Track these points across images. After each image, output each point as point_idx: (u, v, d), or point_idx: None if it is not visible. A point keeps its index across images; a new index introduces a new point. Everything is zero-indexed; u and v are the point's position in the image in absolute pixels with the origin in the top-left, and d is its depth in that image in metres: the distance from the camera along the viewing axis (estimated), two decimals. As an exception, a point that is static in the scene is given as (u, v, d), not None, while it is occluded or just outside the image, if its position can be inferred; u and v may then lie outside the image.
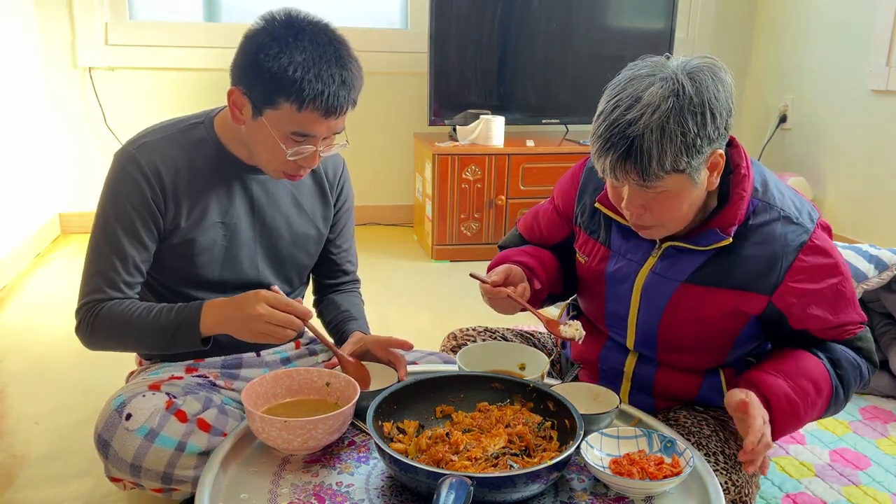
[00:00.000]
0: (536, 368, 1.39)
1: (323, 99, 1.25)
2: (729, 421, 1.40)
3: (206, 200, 1.39)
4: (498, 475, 1.05)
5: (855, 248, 2.09)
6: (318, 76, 1.24)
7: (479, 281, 1.39)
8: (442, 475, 1.02)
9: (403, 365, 1.38)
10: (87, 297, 1.35)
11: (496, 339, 1.64)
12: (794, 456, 1.74)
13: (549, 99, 3.57)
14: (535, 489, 1.08)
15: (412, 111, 3.69)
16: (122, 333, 1.33)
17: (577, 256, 1.49)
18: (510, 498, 1.07)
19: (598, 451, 1.19)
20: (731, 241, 1.27)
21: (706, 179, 1.22)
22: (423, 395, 1.27)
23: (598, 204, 1.39)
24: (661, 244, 1.34)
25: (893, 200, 3.13)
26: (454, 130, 3.38)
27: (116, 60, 3.37)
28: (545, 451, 1.16)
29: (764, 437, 1.22)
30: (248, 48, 1.27)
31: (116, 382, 1.53)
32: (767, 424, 1.25)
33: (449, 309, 2.69)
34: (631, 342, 1.43)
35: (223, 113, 1.40)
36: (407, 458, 1.08)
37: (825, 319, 1.30)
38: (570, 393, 1.29)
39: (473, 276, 1.41)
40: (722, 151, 1.21)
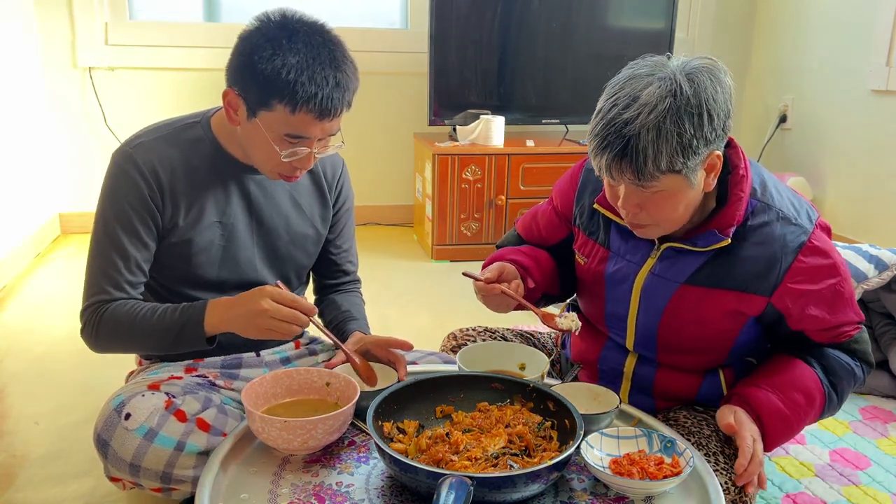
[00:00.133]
0: (536, 368, 1.39)
1: (316, 101, 1.24)
2: None
3: (203, 200, 1.38)
4: (498, 475, 1.05)
5: (855, 248, 2.09)
6: (311, 78, 1.23)
7: (472, 279, 1.39)
8: (442, 475, 1.02)
9: (403, 365, 1.38)
10: (91, 298, 1.35)
11: (496, 339, 1.64)
12: (794, 456, 1.74)
13: (549, 99, 3.57)
14: (535, 489, 1.08)
15: (412, 111, 3.69)
16: (126, 334, 1.33)
17: (576, 257, 1.49)
18: (510, 498, 1.07)
19: (598, 451, 1.18)
20: (729, 242, 1.27)
21: (703, 180, 1.22)
22: (423, 395, 1.27)
23: (596, 205, 1.39)
24: (659, 245, 1.34)
25: (893, 200, 3.13)
26: (454, 130, 3.38)
27: (116, 60, 3.37)
28: (545, 451, 1.16)
29: (755, 456, 1.23)
30: (242, 49, 1.27)
31: (116, 382, 1.53)
32: (758, 440, 1.26)
33: (449, 309, 2.69)
34: (630, 343, 1.43)
35: (220, 113, 1.40)
36: (407, 458, 1.08)
37: (823, 320, 1.31)
38: (570, 393, 1.29)
39: (466, 274, 1.41)
40: (719, 153, 1.21)
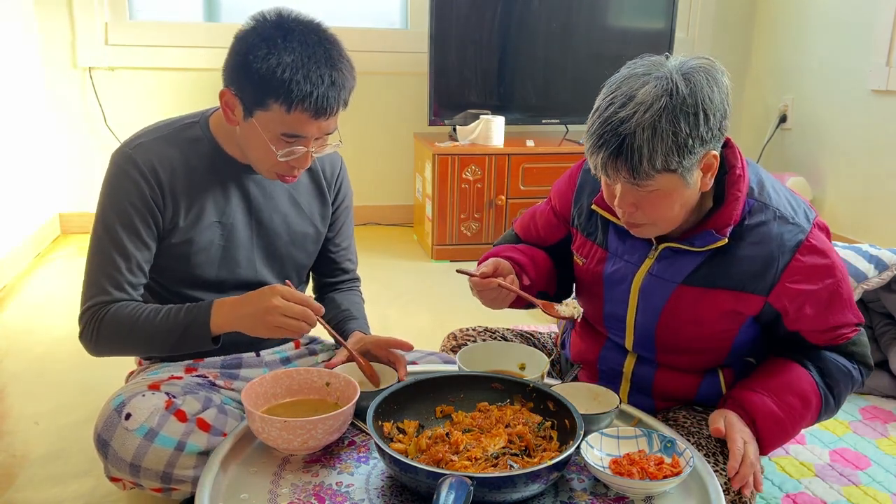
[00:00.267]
0: (536, 368, 1.39)
1: (312, 100, 1.24)
2: None
3: (202, 200, 1.38)
4: (498, 475, 1.05)
5: (855, 248, 2.09)
6: (306, 77, 1.23)
7: (467, 276, 1.38)
8: (442, 475, 1.02)
9: (403, 365, 1.38)
10: (90, 300, 1.33)
11: (496, 339, 1.64)
12: (794, 456, 1.74)
13: (549, 99, 3.57)
14: (535, 489, 1.08)
15: (412, 111, 3.69)
16: (128, 336, 1.32)
17: (574, 258, 1.49)
18: (510, 498, 1.07)
19: (598, 451, 1.18)
20: (726, 241, 1.27)
21: (699, 180, 1.22)
22: (423, 395, 1.27)
23: (594, 206, 1.40)
24: (657, 245, 1.34)
25: (893, 200, 3.13)
26: (454, 130, 3.38)
27: (116, 60, 3.37)
28: (545, 451, 1.16)
29: (746, 457, 1.23)
30: (237, 49, 1.27)
31: (116, 382, 1.53)
32: (751, 443, 1.26)
33: (449, 309, 2.69)
34: (630, 343, 1.43)
35: (218, 113, 1.40)
36: (407, 458, 1.08)
37: (820, 320, 1.31)
38: (570, 393, 1.29)
39: (460, 271, 1.41)
40: (716, 153, 1.21)
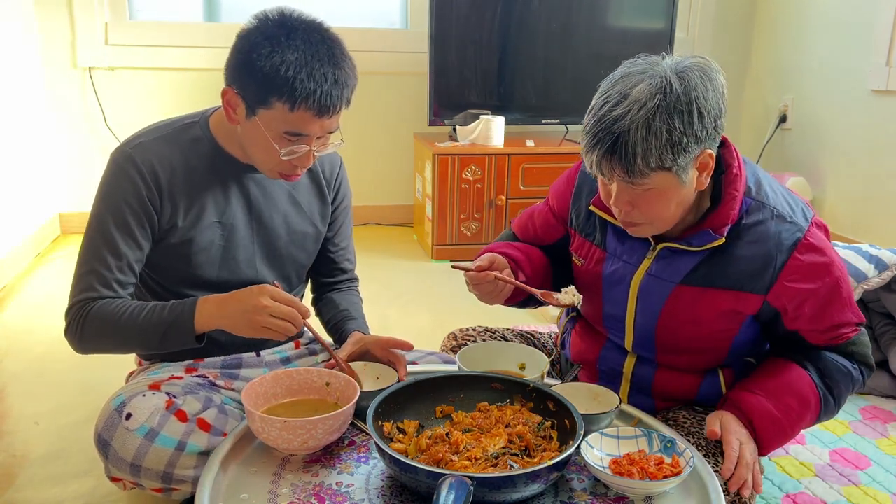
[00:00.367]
0: (536, 368, 1.39)
1: (315, 98, 1.24)
2: None
3: (202, 200, 1.38)
4: (498, 475, 1.05)
5: (855, 248, 2.09)
6: (310, 75, 1.23)
7: (462, 271, 1.38)
8: (442, 475, 1.02)
9: (403, 365, 1.38)
10: (78, 296, 1.33)
11: (496, 339, 1.64)
12: (794, 456, 1.74)
13: (549, 99, 3.57)
14: (535, 489, 1.08)
15: (412, 111, 3.69)
16: (112, 332, 1.31)
17: (573, 259, 1.49)
18: (510, 498, 1.07)
19: (598, 451, 1.19)
20: (724, 241, 1.27)
21: (695, 179, 1.22)
22: (423, 395, 1.27)
23: (592, 206, 1.40)
24: (655, 245, 1.35)
25: (893, 200, 3.13)
26: (454, 130, 3.38)
27: (116, 60, 3.37)
28: (545, 451, 1.16)
29: (742, 459, 1.23)
30: (240, 47, 1.27)
31: (116, 382, 1.53)
32: (747, 444, 1.26)
33: (449, 309, 2.69)
34: (629, 344, 1.43)
35: (219, 112, 1.40)
36: (407, 458, 1.08)
37: (819, 319, 1.31)
38: (570, 393, 1.29)
39: (455, 266, 1.41)
40: (711, 152, 1.21)
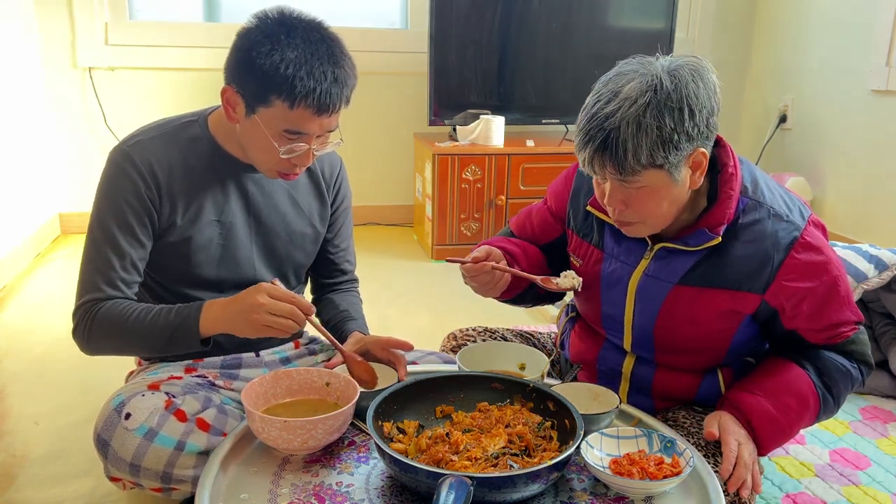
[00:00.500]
0: (536, 368, 1.39)
1: (315, 96, 1.24)
2: None
3: (201, 199, 1.38)
4: (498, 475, 1.05)
5: (855, 248, 2.09)
6: (309, 73, 1.24)
7: (459, 263, 1.37)
8: (442, 475, 1.02)
9: (403, 365, 1.38)
10: (84, 297, 1.34)
11: (496, 339, 1.64)
12: (794, 456, 1.74)
13: (549, 99, 3.57)
14: (535, 489, 1.08)
15: (412, 111, 3.69)
16: (120, 334, 1.32)
17: (571, 260, 1.49)
18: (510, 498, 1.07)
19: (598, 451, 1.18)
20: (720, 240, 1.27)
21: (688, 178, 1.22)
22: (423, 395, 1.27)
23: (590, 207, 1.40)
24: (652, 245, 1.35)
25: (893, 200, 3.13)
26: (454, 130, 3.38)
27: (116, 60, 3.37)
28: (545, 451, 1.16)
29: (740, 459, 1.23)
30: (240, 46, 1.27)
31: (116, 382, 1.53)
32: (746, 444, 1.26)
33: (449, 309, 2.69)
34: (628, 344, 1.43)
35: (218, 111, 1.40)
36: (407, 458, 1.08)
37: (817, 318, 1.31)
38: (570, 393, 1.29)
39: (451, 260, 1.41)
40: (704, 150, 1.21)
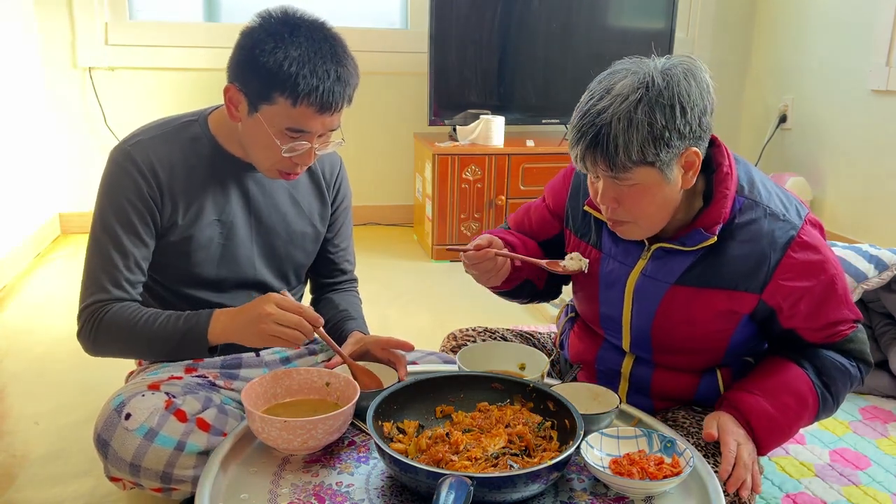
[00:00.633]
0: (536, 368, 1.39)
1: (318, 94, 1.25)
2: None
3: (202, 198, 1.38)
4: (498, 475, 1.05)
5: (855, 248, 2.09)
6: (313, 71, 1.24)
7: (461, 251, 1.37)
8: (442, 475, 1.02)
9: (403, 365, 1.38)
10: (90, 298, 1.34)
11: (496, 339, 1.64)
12: (794, 456, 1.74)
13: (549, 99, 3.57)
14: (535, 489, 1.08)
15: (412, 111, 3.69)
16: (127, 339, 1.32)
17: None
18: (510, 498, 1.07)
19: (598, 451, 1.19)
20: (715, 239, 1.27)
21: (680, 177, 1.22)
22: (423, 395, 1.27)
23: (587, 207, 1.40)
24: (649, 246, 1.35)
25: (893, 200, 3.13)
26: (454, 130, 3.38)
27: (116, 60, 3.37)
28: (545, 451, 1.16)
29: (739, 459, 1.24)
30: (244, 44, 1.28)
31: (116, 382, 1.53)
32: (745, 444, 1.26)
33: (449, 309, 2.69)
34: (626, 344, 1.43)
35: (219, 111, 1.40)
36: (407, 458, 1.08)
37: (815, 317, 1.31)
38: (570, 393, 1.29)
39: (452, 248, 1.42)
40: (697, 150, 1.21)
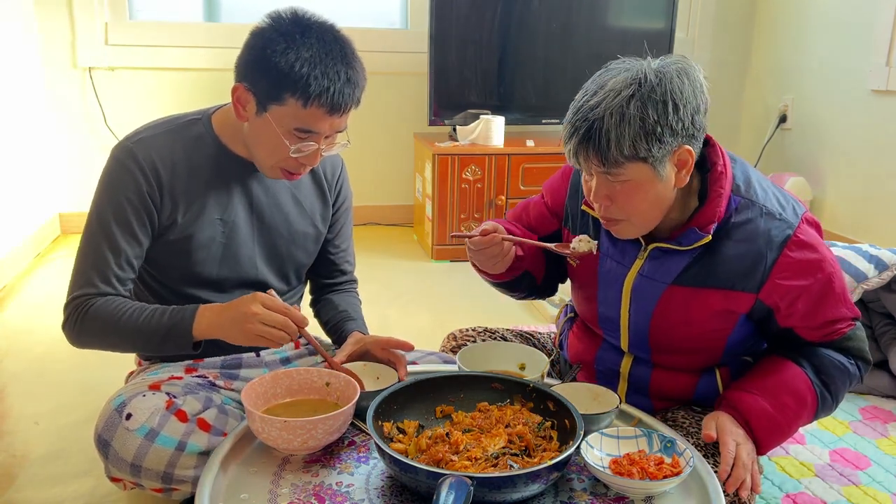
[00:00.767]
0: (536, 368, 1.39)
1: (329, 95, 1.25)
2: None
3: (204, 197, 1.38)
4: (498, 475, 1.05)
5: (855, 248, 2.09)
6: (324, 73, 1.25)
7: (465, 238, 1.37)
8: (442, 475, 1.02)
9: (403, 365, 1.38)
10: (76, 291, 1.34)
11: (496, 339, 1.64)
12: (794, 456, 1.74)
13: (549, 99, 3.57)
14: (535, 489, 1.08)
15: (412, 111, 3.69)
16: (111, 332, 1.31)
17: (567, 259, 1.49)
18: (510, 498, 1.07)
19: (598, 451, 1.19)
20: (710, 238, 1.27)
21: (673, 176, 1.23)
22: (423, 395, 1.27)
23: (584, 206, 1.40)
24: (646, 246, 1.35)
25: (893, 200, 3.13)
26: (454, 130, 3.38)
27: (116, 60, 3.37)
28: (545, 451, 1.16)
29: (738, 459, 1.24)
30: (254, 44, 1.28)
31: (116, 382, 1.53)
32: (744, 444, 1.26)
33: (449, 309, 2.69)
34: (625, 344, 1.43)
35: (223, 110, 1.40)
36: (407, 458, 1.08)
37: (813, 315, 1.31)
38: (570, 393, 1.29)
39: (457, 235, 1.42)
40: (690, 148, 1.21)
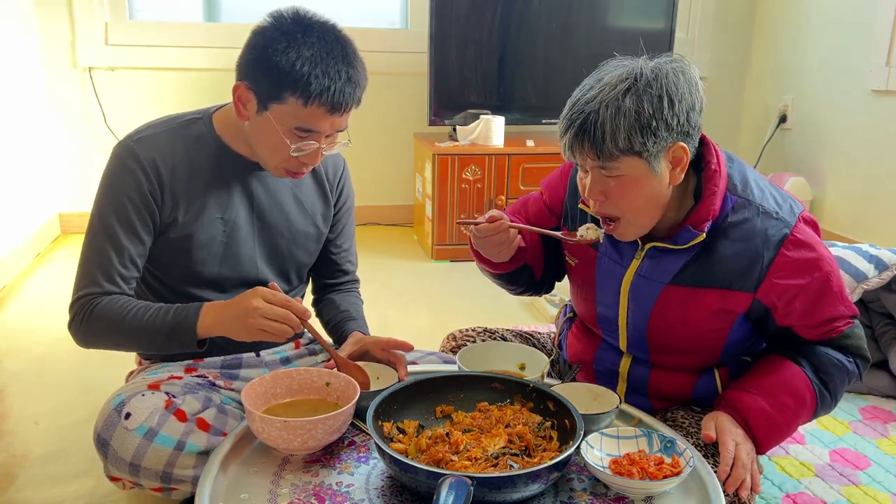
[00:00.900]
0: (536, 368, 1.39)
1: (329, 94, 1.25)
2: None
3: (205, 196, 1.38)
4: (498, 475, 1.05)
5: (855, 248, 2.09)
6: (325, 72, 1.25)
7: (471, 225, 1.37)
8: (442, 475, 1.02)
9: (403, 365, 1.38)
10: (82, 290, 1.34)
11: (496, 339, 1.64)
12: (794, 456, 1.74)
13: (549, 99, 3.57)
14: (535, 489, 1.08)
15: (412, 111, 3.69)
16: (116, 331, 1.32)
17: (566, 259, 1.49)
18: (510, 498, 1.07)
19: (598, 451, 1.19)
20: (705, 237, 1.27)
21: (667, 173, 1.23)
22: (423, 395, 1.27)
23: (582, 205, 1.40)
24: (643, 245, 1.35)
25: (893, 200, 3.13)
26: (454, 130, 3.38)
27: (116, 60, 3.37)
28: (545, 451, 1.16)
29: (738, 459, 1.24)
30: (255, 43, 1.28)
31: (116, 382, 1.53)
32: (744, 444, 1.26)
33: (449, 309, 2.69)
34: (623, 344, 1.43)
35: (224, 109, 1.40)
36: (407, 458, 1.08)
37: (810, 314, 1.31)
38: (570, 393, 1.29)
39: (462, 222, 1.43)
40: (685, 146, 1.22)
